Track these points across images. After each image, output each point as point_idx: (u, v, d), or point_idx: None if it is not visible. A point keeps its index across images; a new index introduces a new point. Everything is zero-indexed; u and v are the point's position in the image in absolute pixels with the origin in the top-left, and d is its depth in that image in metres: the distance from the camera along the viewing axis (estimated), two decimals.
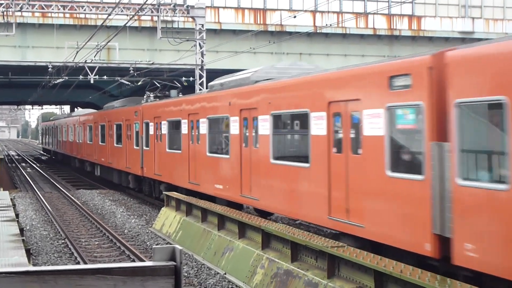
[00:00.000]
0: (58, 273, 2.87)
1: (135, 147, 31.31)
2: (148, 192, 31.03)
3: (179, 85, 32.89)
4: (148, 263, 3.00)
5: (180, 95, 29.45)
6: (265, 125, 17.52)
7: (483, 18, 51.49)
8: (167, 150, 26.47)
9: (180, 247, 3.02)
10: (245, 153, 18.87)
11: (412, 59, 11.99)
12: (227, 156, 20.22)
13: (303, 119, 15.77)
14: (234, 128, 19.57)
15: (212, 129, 21.91)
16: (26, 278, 2.85)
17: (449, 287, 9.18)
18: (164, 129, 26.87)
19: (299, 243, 13.31)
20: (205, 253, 17.66)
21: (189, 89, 37.86)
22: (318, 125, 14.72)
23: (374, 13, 46.31)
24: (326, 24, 43.31)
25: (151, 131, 28.81)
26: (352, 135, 13.54)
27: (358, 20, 47.83)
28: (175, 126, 25.70)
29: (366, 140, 12.89)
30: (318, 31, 44.76)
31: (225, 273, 15.82)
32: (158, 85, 33.36)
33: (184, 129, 24.24)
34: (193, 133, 23.49)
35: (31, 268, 2.89)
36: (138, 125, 30.80)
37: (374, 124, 12.59)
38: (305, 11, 41.37)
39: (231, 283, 15.11)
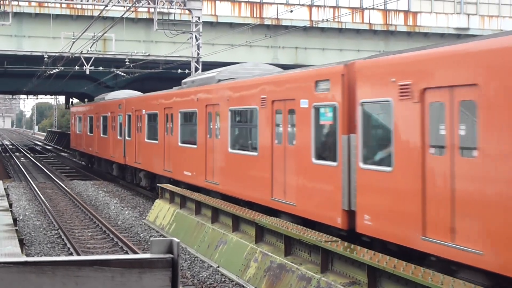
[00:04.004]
0: (57, 264, 2.89)
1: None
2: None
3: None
4: (145, 256, 3.02)
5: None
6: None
7: (478, 14, 51.56)
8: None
9: (177, 240, 3.04)
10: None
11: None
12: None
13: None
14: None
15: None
16: (24, 269, 2.86)
17: (442, 283, 9.22)
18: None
19: (293, 237, 13.35)
20: (199, 246, 17.69)
21: None
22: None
23: (370, 8, 46.34)
24: (323, 19, 43.32)
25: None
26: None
27: (354, 15, 47.85)
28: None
29: None
30: (314, 25, 44.75)
31: (218, 266, 15.85)
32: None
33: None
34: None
35: (30, 258, 2.90)
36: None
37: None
38: (302, 5, 41.34)
39: (224, 276, 15.14)
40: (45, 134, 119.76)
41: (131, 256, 3.06)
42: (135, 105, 31.85)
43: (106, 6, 30.46)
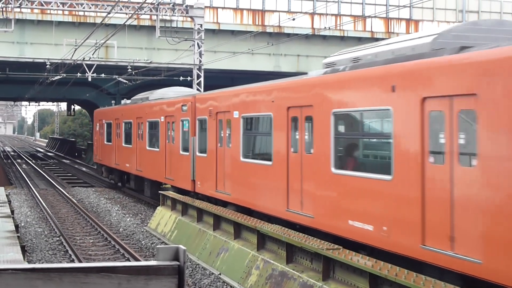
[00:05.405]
0: (64, 271, 2.91)
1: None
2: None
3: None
4: (152, 263, 3.04)
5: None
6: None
7: None
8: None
9: (184, 248, 3.06)
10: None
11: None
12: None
13: None
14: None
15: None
16: (32, 275, 2.88)
17: None
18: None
19: (295, 244, 13.35)
20: (200, 253, 17.69)
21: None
22: None
23: (372, 17, 46.40)
24: (324, 27, 43.38)
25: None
26: None
27: (356, 23, 47.89)
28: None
29: None
30: (316, 33, 44.80)
31: (220, 274, 15.85)
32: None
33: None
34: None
35: (37, 265, 2.92)
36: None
37: None
38: (304, 13, 41.39)
39: (225, 284, 15.14)
40: (47, 140, 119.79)
41: (138, 263, 3.08)
42: (214, 104, 21.69)
43: (109, 13, 30.52)
